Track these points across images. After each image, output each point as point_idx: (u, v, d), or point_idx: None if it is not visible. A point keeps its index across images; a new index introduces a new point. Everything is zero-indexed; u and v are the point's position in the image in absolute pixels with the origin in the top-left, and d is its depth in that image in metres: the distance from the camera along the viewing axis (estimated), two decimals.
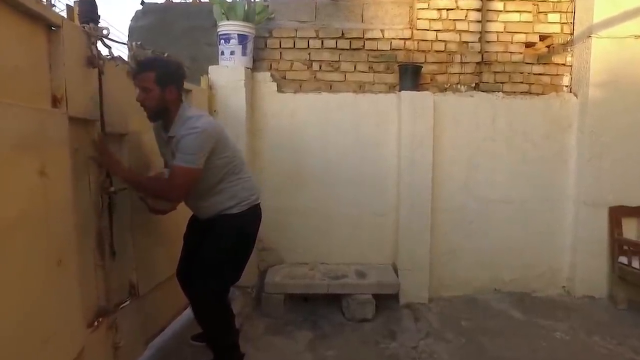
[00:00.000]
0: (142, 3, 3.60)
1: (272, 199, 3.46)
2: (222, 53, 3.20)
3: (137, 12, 3.53)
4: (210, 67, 3.18)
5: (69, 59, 1.53)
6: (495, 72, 3.54)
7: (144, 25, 3.50)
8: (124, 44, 1.91)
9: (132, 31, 3.50)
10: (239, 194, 2.13)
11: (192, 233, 2.31)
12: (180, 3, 3.57)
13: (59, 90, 1.48)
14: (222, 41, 3.17)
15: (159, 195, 1.98)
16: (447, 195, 3.46)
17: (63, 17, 1.49)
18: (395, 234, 3.45)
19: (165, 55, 2.07)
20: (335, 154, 3.44)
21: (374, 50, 3.49)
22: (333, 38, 3.47)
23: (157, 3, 3.58)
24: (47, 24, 1.44)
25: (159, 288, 2.33)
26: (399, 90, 3.41)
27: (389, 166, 3.44)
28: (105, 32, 1.74)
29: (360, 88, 3.51)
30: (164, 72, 1.86)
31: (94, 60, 1.68)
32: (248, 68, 3.26)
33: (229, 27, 3.13)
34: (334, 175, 3.45)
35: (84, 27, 1.64)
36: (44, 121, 1.35)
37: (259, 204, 2.27)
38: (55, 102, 1.48)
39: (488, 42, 3.53)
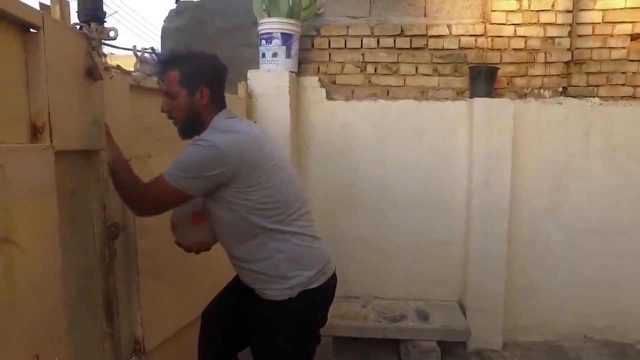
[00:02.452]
0: (177, 1, 3.24)
1: (320, 223, 2.97)
2: (263, 55, 2.77)
3: (170, 11, 3.18)
4: (249, 72, 2.76)
5: (56, 72, 1.12)
6: (588, 73, 2.91)
7: (178, 26, 3.14)
8: (128, 49, 1.50)
9: (166, 33, 3.15)
10: (292, 269, 1.38)
11: (235, 285, 1.64)
12: (215, 1, 3.17)
13: (39, 117, 1.07)
14: (263, 41, 2.74)
15: (123, 196, 1.39)
16: (527, 223, 2.88)
17: (44, 14, 1.08)
18: (463, 266, 2.91)
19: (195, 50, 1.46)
20: (393, 172, 2.94)
21: (439, 49, 2.95)
22: (391, 36, 2.96)
23: (192, 1, 3.20)
24: (21, 25, 1.04)
25: (169, 342, 1.88)
26: (470, 97, 2.86)
27: (457, 187, 2.89)
28: (112, 34, 1.33)
29: (423, 94, 2.98)
30: (190, 69, 1.36)
31: (97, 72, 1.27)
32: (293, 72, 2.82)
33: (270, 25, 2.69)
34: (391, 196, 2.95)
35: (80, 27, 1.23)
36: (9, 164, 0.94)
37: (331, 278, 1.51)
38: (35, 132, 1.08)
39: (580, 36, 2.90)
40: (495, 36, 2.94)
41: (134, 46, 1.47)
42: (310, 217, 1.52)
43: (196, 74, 1.36)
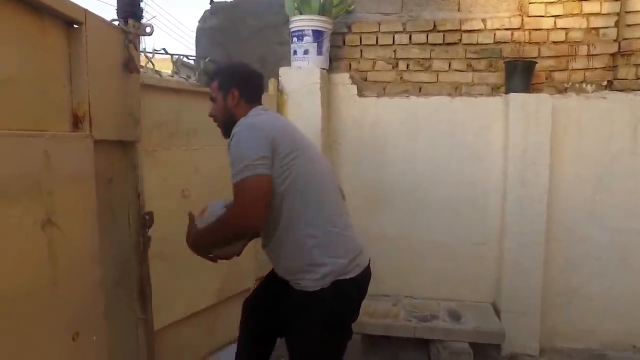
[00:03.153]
0: (211, 2, 3.32)
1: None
2: (295, 52, 2.79)
3: (205, 12, 3.26)
4: (280, 69, 2.79)
5: (96, 65, 1.17)
6: (637, 65, 2.76)
7: (213, 26, 3.21)
8: (161, 53, 1.54)
9: (200, 33, 3.23)
10: (323, 255, 1.38)
11: (274, 276, 1.65)
12: (249, 0, 3.22)
13: (80, 107, 1.13)
14: (295, 39, 2.77)
15: (231, 230, 1.39)
16: (567, 224, 2.76)
17: (86, 10, 1.13)
18: (497, 267, 2.83)
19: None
20: (425, 169, 2.89)
21: (474, 44, 2.88)
22: (423, 31, 2.92)
23: (226, 1, 3.27)
24: (65, 21, 1.09)
25: (180, 324, 1.93)
26: (505, 92, 2.77)
27: (491, 185, 2.81)
28: (148, 29, 1.38)
29: (456, 90, 2.92)
30: (224, 76, 1.59)
31: (133, 65, 1.32)
32: (324, 69, 2.83)
33: (302, 22, 2.71)
34: (422, 194, 2.90)
35: (118, 22, 1.29)
36: (53, 150, 1.00)
37: (364, 270, 1.52)
38: (77, 122, 1.13)
39: (629, 25, 2.75)
40: (533, 29, 2.84)
41: (166, 52, 1.51)
42: (342, 207, 1.55)
43: (228, 80, 1.57)
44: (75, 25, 1.13)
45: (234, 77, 1.57)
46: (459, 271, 2.90)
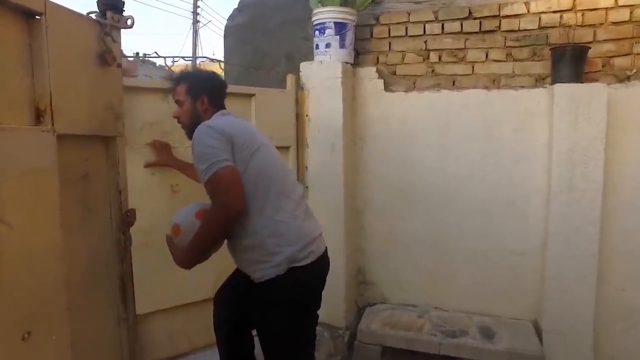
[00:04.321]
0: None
1: (375, 224, 2.84)
2: (317, 46, 2.68)
3: (233, 10, 3.25)
4: (301, 64, 2.69)
5: (61, 57, 1.14)
6: None
7: (240, 24, 3.19)
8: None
9: (228, 31, 3.22)
10: (276, 244, 1.46)
11: (238, 272, 1.72)
12: None
13: (42, 100, 1.09)
14: (317, 32, 2.65)
15: (223, 223, 1.43)
16: (627, 233, 2.39)
17: (47, 1, 1.10)
18: (539, 280, 2.51)
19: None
20: (457, 170, 2.64)
21: (515, 30, 2.58)
22: (457, 19, 2.68)
23: None
24: (24, 12, 1.06)
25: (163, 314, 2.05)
26: (551, 83, 2.45)
27: (533, 188, 2.51)
28: (129, 22, 1.34)
29: (494, 82, 2.64)
30: (194, 82, 1.67)
31: (110, 57, 1.28)
32: (348, 63, 2.69)
33: (323, 14, 2.59)
34: (454, 197, 2.66)
35: (91, 14, 1.25)
36: (2, 144, 0.96)
37: (320, 257, 1.56)
38: (39, 116, 1.10)
39: None
40: (588, 9, 2.49)
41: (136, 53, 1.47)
42: (297, 198, 1.59)
43: (198, 86, 1.65)
44: (36, 17, 1.10)
45: (205, 85, 1.66)
46: (494, 283, 2.61)
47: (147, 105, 2.04)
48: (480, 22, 2.63)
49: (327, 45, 2.62)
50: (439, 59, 2.74)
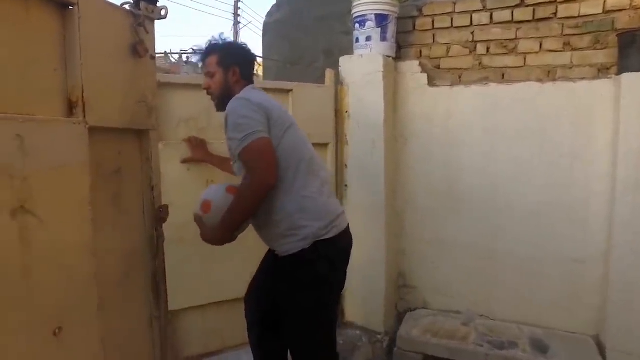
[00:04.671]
0: None
1: (417, 226, 2.71)
2: (357, 40, 2.58)
3: (272, 7, 3.21)
4: (341, 58, 2.60)
5: (93, 48, 1.11)
6: None
7: (279, 20, 3.15)
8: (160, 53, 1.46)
9: (267, 28, 3.19)
10: (302, 219, 1.47)
11: (263, 263, 1.80)
12: None
13: (74, 92, 1.07)
14: (357, 25, 2.56)
15: (257, 195, 1.42)
16: None
17: None
18: (601, 291, 2.29)
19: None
20: (507, 170, 2.46)
21: (574, 17, 2.37)
22: (507, 8, 2.50)
23: None
24: (58, 2, 1.05)
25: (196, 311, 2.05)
26: (617, 73, 2.23)
27: (593, 190, 2.29)
28: (163, 12, 1.31)
29: (549, 75, 2.44)
30: (226, 53, 1.65)
31: (143, 48, 1.25)
32: (389, 57, 2.57)
33: (364, 6, 2.49)
34: (503, 199, 2.48)
35: (125, 5, 1.22)
36: (29, 134, 0.94)
37: (343, 232, 1.58)
38: (72, 108, 1.08)
39: None
40: None
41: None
42: (324, 177, 1.61)
43: (229, 57, 1.64)
44: (70, 7, 1.08)
45: (237, 56, 1.66)
46: (548, 292, 2.41)
47: (182, 102, 2.03)
48: (533, 10, 2.43)
49: (368, 39, 2.51)
50: (487, 51, 2.57)
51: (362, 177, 2.56)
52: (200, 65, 1.72)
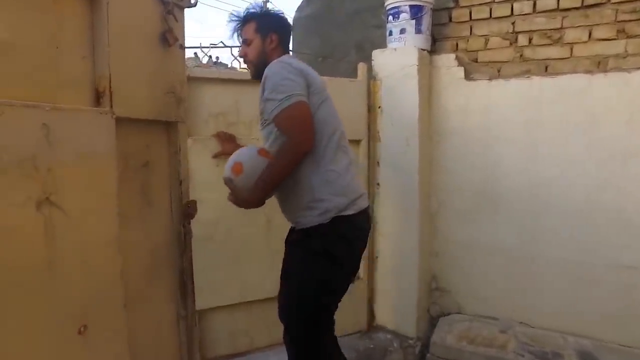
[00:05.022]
0: None
1: (451, 226, 2.59)
2: (390, 33, 2.48)
3: (302, 1, 3.15)
4: (373, 52, 2.51)
5: (122, 36, 1.07)
6: None
7: (309, 14, 3.08)
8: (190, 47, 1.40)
9: (297, 22, 3.13)
10: (325, 192, 1.45)
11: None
12: None
13: (101, 82, 1.03)
14: (390, 17, 2.46)
15: (294, 158, 1.41)
16: None
17: None
18: None
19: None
20: (550, 169, 2.31)
21: (630, 1, 2.19)
22: None
23: None
24: None
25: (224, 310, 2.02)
26: None
27: None
28: (193, 0, 1.26)
29: (599, 66, 2.27)
30: (264, 20, 1.64)
31: (172, 37, 1.20)
32: (424, 50, 2.46)
33: None
34: (544, 200, 2.33)
35: None
36: (55, 123, 0.90)
37: (363, 211, 1.55)
38: (99, 97, 1.04)
39: None
40: None
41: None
42: (352, 156, 1.60)
43: (268, 24, 1.62)
44: None
45: (275, 23, 1.64)
46: (597, 300, 2.24)
47: (211, 96, 2.00)
48: None
49: (402, 31, 2.41)
50: (529, 42, 2.42)
51: (395, 176, 2.47)
52: (236, 33, 1.68)
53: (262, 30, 1.60)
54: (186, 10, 1.32)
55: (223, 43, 2.06)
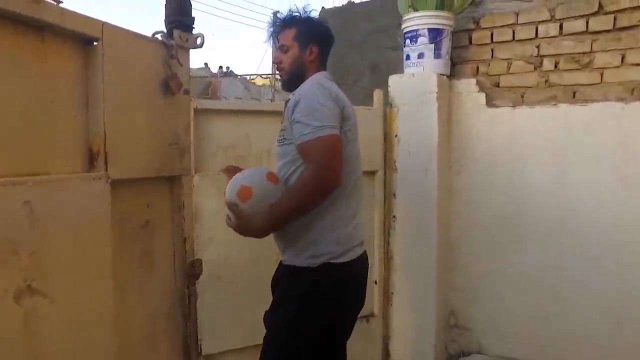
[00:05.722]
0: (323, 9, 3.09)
1: (473, 259, 2.45)
2: (407, 57, 2.36)
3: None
4: (390, 78, 2.39)
5: (115, 87, 0.96)
6: None
7: None
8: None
9: None
10: (321, 234, 1.35)
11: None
12: (360, 3, 2.90)
13: (95, 141, 0.92)
14: (408, 41, 2.34)
15: (315, 195, 1.30)
16: None
17: (104, 23, 0.93)
18: None
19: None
20: (580, 201, 2.16)
21: None
22: (581, 17, 2.20)
23: (337, 7, 3.00)
24: (80, 38, 0.90)
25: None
26: None
27: None
28: (199, 41, 1.15)
29: (633, 92, 2.12)
30: (306, 28, 1.50)
31: (176, 84, 1.09)
32: (443, 75, 2.34)
33: (416, 20, 2.27)
34: (575, 233, 2.18)
35: (157, 34, 1.07)
36: (39, 199, 0.79)
37: (357, 258, 1.43)
38: (92, 159, 0.93)
39: None
40: None
41: None
42: (361, 201, 1.51)
43: (309, 33, 1.48)
44: (94, 43, 0.93)
45: (318, 33, 1.50)
46: (636, 340, 2.07)
47: (221, 129, 1.90)
48: (614, 18, 2.12)
49: (420, 55, 2.29)
50: (555, 67, 2.27)
51: (412, 208, 2.34)
52: (273, 37, 1.55)
53: (302, 39, 1.47)
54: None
55: (274, 14, 1.86)
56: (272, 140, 1.66)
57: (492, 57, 2.42)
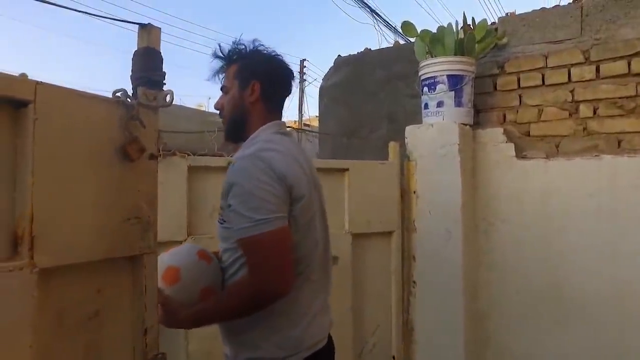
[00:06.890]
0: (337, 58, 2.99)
1: (505, 335, 2.13)
2: (426, 106, 2.18)
3: (329, 69, 2.93)
4: (407, 129, 2.20)
5: (50, 159, 0.81)
6: None
7: (336, 82, 2.86)
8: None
9: (323, 92, 2.91)
10: (272, 336, 1.11)
11: None
12: (376, 50, 2.78)
13: (20, 223, 0.76)
14: (425, 89, 2.16)
15: (246, 307, 1.08)
16: None
17: (38, 83, 0.78)
18: None
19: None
20: (634, 269, 1.83)
21: None
22: (621, 58, 1.97)
23: (351, 55, 2.89)
24: (9, 101, 0.76)
25: None
26: None
27: None
28: (168, 98, 1.00)
29: None
30: (248, 63, 1.22)
31: (136, 148, 0.93)
32: (466, 124, 2.13)
33: (433, 66, 2.10)
34: (631, 307, 1.84)
35: (118, 93, 0.93)
36: None
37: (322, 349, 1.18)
38: (16, 244, 0.76)
39: None
40: None
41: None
42: (326, 284, 1.25)
43: (251, 68, 1.21)
44: (25, 106, 0.79)
45: (260, 67, 1.21)
46: None
47: (215, 187, 1.72)
48: None
49: (439, 104, 2.10)
50: (594, 113, 2.03)
51: (435, 272, 2.07)
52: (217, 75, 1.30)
53: (242, 76, 1.20)
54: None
55: (218, 47, 1.53)
56: None
57: (520, 103, 2.20)
